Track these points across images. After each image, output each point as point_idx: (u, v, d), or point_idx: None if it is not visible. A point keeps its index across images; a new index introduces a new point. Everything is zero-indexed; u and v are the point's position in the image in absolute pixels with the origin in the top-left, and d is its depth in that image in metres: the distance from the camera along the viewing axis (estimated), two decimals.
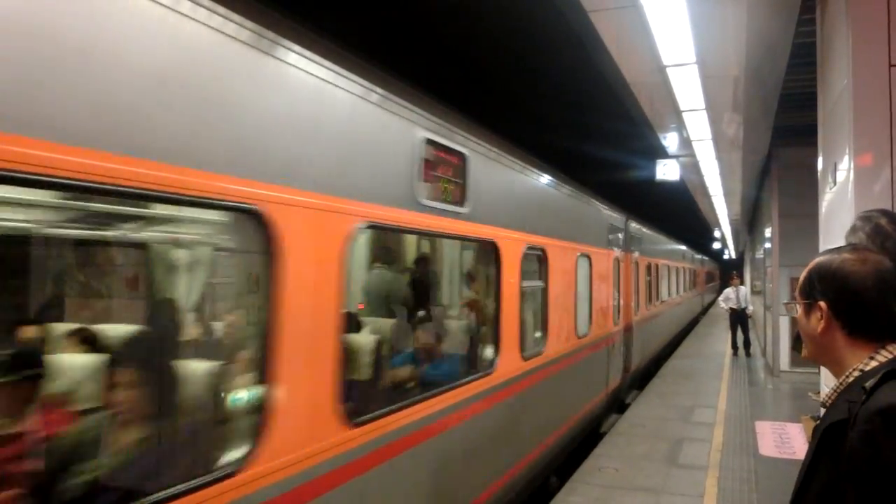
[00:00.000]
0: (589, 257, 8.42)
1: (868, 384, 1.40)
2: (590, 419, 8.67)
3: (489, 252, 5.37)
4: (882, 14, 4.23)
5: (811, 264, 1.66)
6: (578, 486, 6.54)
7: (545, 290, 6.58)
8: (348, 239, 3.25)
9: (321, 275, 3.06)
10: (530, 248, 6.05)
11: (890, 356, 1.50)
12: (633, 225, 12.23)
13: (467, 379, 4.79)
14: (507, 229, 5.46)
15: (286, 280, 2.77)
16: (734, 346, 16.98)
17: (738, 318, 16.84)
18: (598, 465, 7.21)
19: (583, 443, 8.33)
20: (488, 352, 5.43)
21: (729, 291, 17.16)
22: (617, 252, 10.45)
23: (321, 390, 3.04)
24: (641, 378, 13.11)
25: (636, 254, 12.31)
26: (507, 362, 5.46)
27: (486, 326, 5.66)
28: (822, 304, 1.58)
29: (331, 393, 3.10)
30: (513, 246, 5.58)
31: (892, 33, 4.20)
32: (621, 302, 10.84)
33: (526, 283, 5.98)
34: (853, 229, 2.63)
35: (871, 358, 1.51)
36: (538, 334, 6.64)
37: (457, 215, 4.54)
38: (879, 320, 1.53)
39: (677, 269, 20.80)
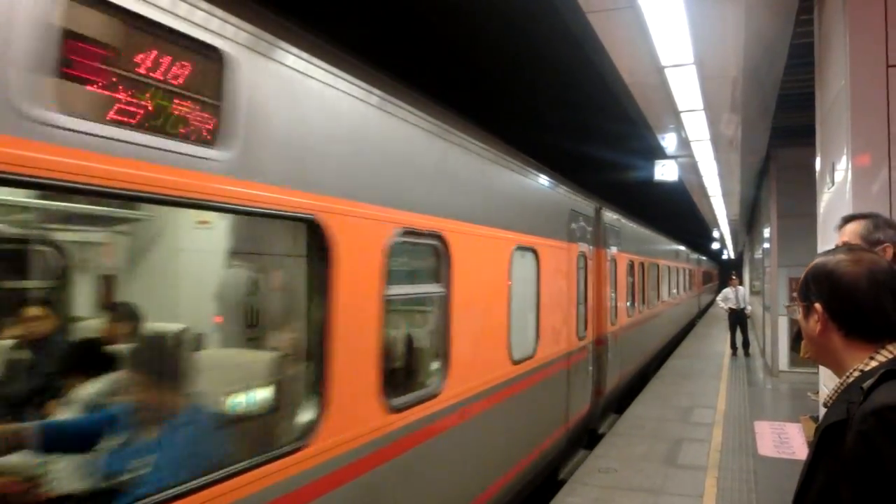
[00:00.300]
0: (535, 252, 6.40)
1: (866, 385, 1.40)
2: (538, 468, 6.57)
3: (307, 237, 3.17)
4: (880, 14, 4.24)
5: (809, 266, 1.67)
6: (578, 486, 6.53)
7: (446, 299, 4.47)
8: None
9: None
10: (410, 232, 3.99)
11: (889, 356, 1.50)
12: (609, 215, 10.18)
13: (229, 471, 2.53)
14: (348, 201, 3.34)
15: None
16: (733, 347, 17.04)
17: (737, 319, 16.88)
18: (598, 465, 7.20)
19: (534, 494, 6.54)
20: (298, 410, 3.11)
21: (728, 291, 17.23)
22: (584, 247, 8.47)
23: None
24: (624, 396, 11.24)
25: (613, 250, 10.32)
26: (348, 423, 3.30)
27: (299, 364, 3.27)
28: (818, 306, 1.59)
29: None
30: (363, 229, 3.46)
31: (890, 34, 4.21)
32: (590, 308, 8.83)
33: (402, 290, 4.04)
34: (876, 226, 2.62)
35: (871, 358, 1.51)
36: (433, 366, 4.55)
37: (194, 163, 2.43)
38: (874, 321, 1.53)
39: (668, 268, 18.63)
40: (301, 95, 3.06)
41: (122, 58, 2.16)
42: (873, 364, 1.50)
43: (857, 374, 1.52)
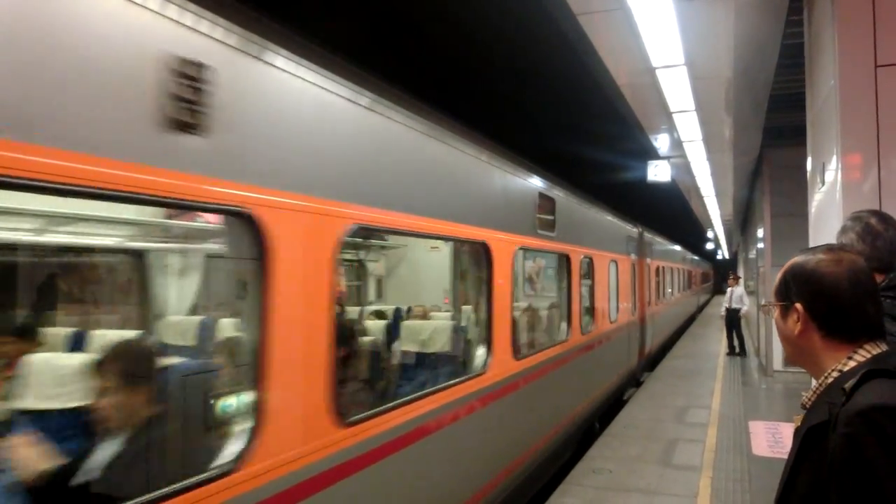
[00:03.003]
0: None
1: (847, 385, 1.38)
2: None
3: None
4: (868, 15, 4.26)
5: (787, 265, 1.65)
6: (572, 487, 6.53)
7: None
8: None
9: None
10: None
11: (868, 355, 1.49)
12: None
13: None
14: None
15: None
16: (730, 347, 16.78)
17: (729, 318, 16.81)
18: (592, 466, 7.20)
19: None
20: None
21: (728, 292, 17.16)
22: None
23: None
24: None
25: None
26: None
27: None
28: (799, 305, 1.57)
29: None
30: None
31: (878, 34, 4.23)
32: None
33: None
34: (843, 229, 2.65)
35: (850, 358, 1.50)
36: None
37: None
38: (854, 321, 1.52)
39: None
40: None
41: None
42: (852, 364, 1.49)
43: (835, 374, 1.50)
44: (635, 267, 12.91)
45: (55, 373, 3.15)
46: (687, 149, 11.65)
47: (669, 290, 19.95)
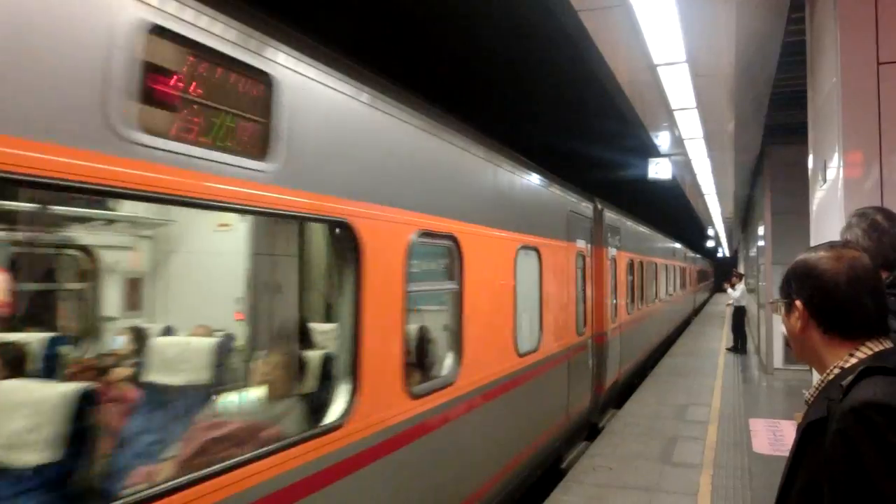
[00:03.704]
0: None
1: (845, 382, 1.39)
2: None
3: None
4: (870, 12, 4.24)
5: (791, 264, 1.66)
6: (572, 485, 6.53)
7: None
8: None
9: None
10: None
11: (869, 352, 1.50)
12: None
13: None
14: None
15: None
16: (734, 344, 16.77)
17: (736, 316, 16.86)
18: (593, 464, 7.21)
19: None
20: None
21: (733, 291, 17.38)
22: None
23: None
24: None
25: None
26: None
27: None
28: (799, 303, 1.59)
29: None
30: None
31: (881, 31, 4.22)
32: None
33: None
34: (848, 226, 2.64)
35: (851, 355, 1.51)
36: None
37: None
38: (854, 318, 1.52)
39: None
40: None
41: None
42: (853, 361, 1.49)
43: (836, 371, 1.51)
44: (586, 260, 8.88)
45: None
46: (688, 146, 11.65)
47: (653, 293, 15.37)
